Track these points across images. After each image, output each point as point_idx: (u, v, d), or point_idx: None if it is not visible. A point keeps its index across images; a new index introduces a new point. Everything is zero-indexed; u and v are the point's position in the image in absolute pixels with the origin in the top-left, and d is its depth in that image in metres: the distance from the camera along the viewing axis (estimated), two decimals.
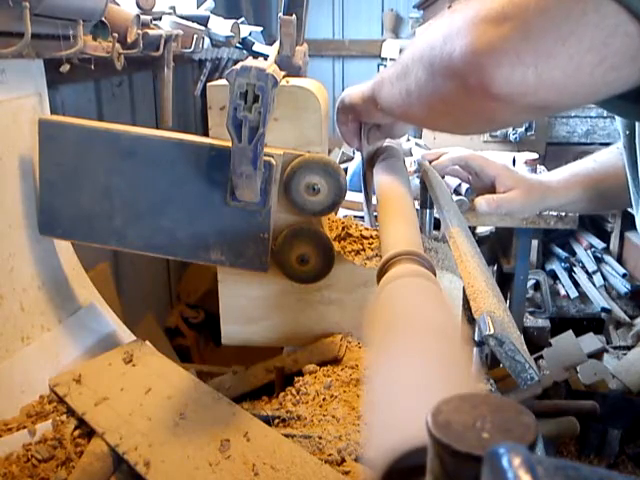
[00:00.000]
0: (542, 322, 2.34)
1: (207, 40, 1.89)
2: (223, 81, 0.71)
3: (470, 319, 0.58)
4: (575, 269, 2.77)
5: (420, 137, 2.34)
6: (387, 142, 0.95)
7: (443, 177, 0.98)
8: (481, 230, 2.02)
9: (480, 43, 0.50)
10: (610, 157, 0.97)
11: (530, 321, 2.32)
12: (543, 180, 0.97)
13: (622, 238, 2.76)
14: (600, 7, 0.45)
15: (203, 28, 1.78)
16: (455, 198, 0.98)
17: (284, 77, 0.72)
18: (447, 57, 0.54)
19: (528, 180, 0.95)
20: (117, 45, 1.11)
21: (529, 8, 0.47)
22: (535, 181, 0.95)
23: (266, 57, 0.75)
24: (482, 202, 0.90)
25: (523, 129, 2.39)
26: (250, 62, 0.64)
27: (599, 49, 0.46)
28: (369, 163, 0.92)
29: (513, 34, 0.48)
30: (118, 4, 1.25)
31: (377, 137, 0.89)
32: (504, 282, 1.96)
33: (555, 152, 2.63)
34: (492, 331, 0.44)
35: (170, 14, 1.60)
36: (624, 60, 0.47)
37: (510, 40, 0.48)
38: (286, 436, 0.64)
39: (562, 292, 2.68)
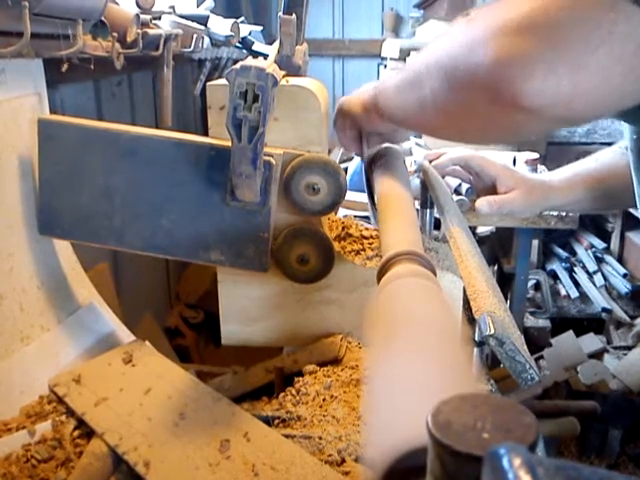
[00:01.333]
0: (542, 322, 2.34)
1: (207, 40, 1.89)
2: (223, 81, 0.71)
3: (470, 319, 0.58)
4: (576, 269, 2.77)
5: (420, 137, 2.33)
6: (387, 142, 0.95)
7: (443, 177, 0.98)
8: (481, 230, 2.02)
9: (507, 54, 0.48)
10: (612, 157, 0.97)
11: (530, 321, 2.32)
12: (544, 180, 0.96)
13: (623, 238, 2.75)
14: (631, 17, 0.44)
15: (203, 28, 1.78)
16: (455, 198, 0.98)
17: (284, 77, 0.72)
18: (473, 68, 0.51)
19: (529, 180, 0.94)
20: (117, 45, 1.11)
21: (557, 17, 0.46)
22: (536, 181, 0.95)
23: (266, 57, 0.75)
24: (484, 203, 0.90)
25: None
26: (250, 62, 0.64)
27: (630, 59, 0.45)
28: (370, 165, 0.91)
29: (542, 44, 0.47)
30: (118, 3, 1.24)
31: (377, 143, 0.88)
32: (504, 282, 1.95)
33: (556, 152, 2.63)
34: (492, 331, 0.44)
35: (170, 13, 1.60)
36: None
37: (539, 50, 0.47)
38: (286, 436, 0.64)
39: (563, 292, 2.68)
